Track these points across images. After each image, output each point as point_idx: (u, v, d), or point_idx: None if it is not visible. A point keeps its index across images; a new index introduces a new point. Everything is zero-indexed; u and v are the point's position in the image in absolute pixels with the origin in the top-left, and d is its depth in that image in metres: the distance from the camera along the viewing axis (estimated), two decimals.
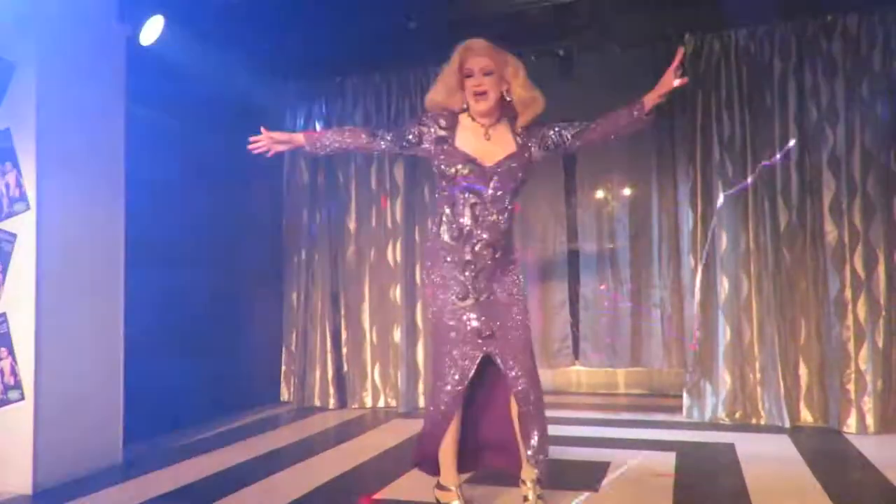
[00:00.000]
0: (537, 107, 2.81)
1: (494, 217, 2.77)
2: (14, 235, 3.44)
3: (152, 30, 4.19)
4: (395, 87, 5.58)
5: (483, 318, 2.76)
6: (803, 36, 4.70)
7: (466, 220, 2.77)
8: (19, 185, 3.44)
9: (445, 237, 2.81)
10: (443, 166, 2.78)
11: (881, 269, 4.46)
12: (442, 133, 2.80)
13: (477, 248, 2.77)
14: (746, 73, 4.82)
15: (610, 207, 5.44)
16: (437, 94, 2.83)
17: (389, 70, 5.54)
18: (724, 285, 4.78)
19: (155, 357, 4.25)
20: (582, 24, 4.88)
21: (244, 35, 4.83)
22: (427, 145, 2.82)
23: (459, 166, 2.75)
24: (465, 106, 2.82)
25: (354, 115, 5.69)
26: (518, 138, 2.84)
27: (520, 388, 2.74)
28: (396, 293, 5.50)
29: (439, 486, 2.90)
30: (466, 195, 2.77)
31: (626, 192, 5.41)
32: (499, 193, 2.77)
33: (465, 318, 2.76)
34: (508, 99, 2.80)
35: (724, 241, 4.80)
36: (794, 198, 4.72)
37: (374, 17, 4.76)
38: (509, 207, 2.81)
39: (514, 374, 2.75)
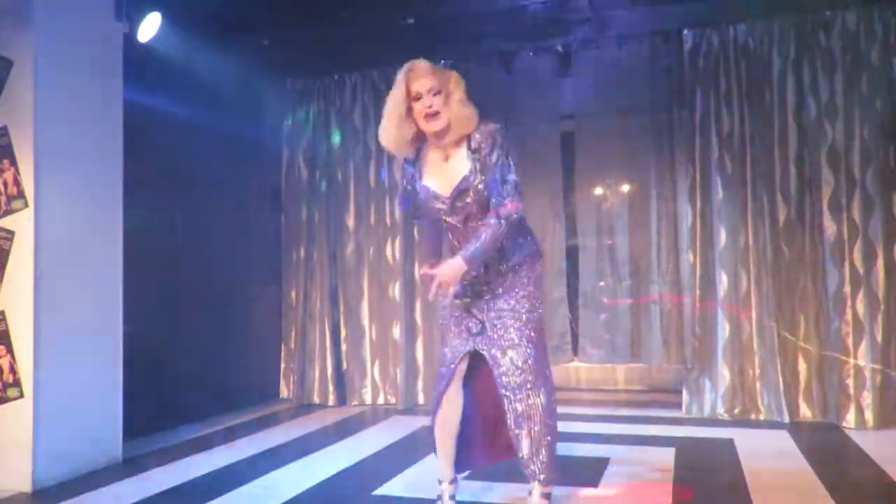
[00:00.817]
0: (469, 125, 2.67)
1: (475, 236, 2.66)
2: (12, 233, 3.43)
3: (150, 27, 4.19)
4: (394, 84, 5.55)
5: (481, 326, 2.74)
6: (802, 31, 4.70)
7: (455, 248, 2.74)
8: (17, 182, 3.43)
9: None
10: (419, 204, 2.79)
11: (880, 264, 4.47)
12: (412, 171, 2.80)
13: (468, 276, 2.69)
14: (745, 68, 4.81)
15: (609, 203, 5.43)
16: (388, 128, 2.74)
17: (387, 67, 5.52)
18: (723, 281, 4.78)
19: (154, 354, 4.25)
20: (580, 20, 4.88)
21: (242, 32, 4.83)
22: (413, 187, 2.81)
23: (433, 201, 2.73)
24: (410, 136, 2.73)
25: (353, 112, 5.68)
26: (471, 150, 2.68)
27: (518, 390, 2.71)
28: (395, 290, 5.50)
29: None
30: (445, 226, 2.78)
31: (625, 188, 5.41)
32: (470, 214, 2.70)
33: (462, 328, 2.76)
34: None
35: (722, 237, 4.80)
36: (793, 193, 4.72)
37: (372, 14, 4.76)
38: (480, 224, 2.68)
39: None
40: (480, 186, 2.65)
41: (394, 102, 2.71)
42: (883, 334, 4.43)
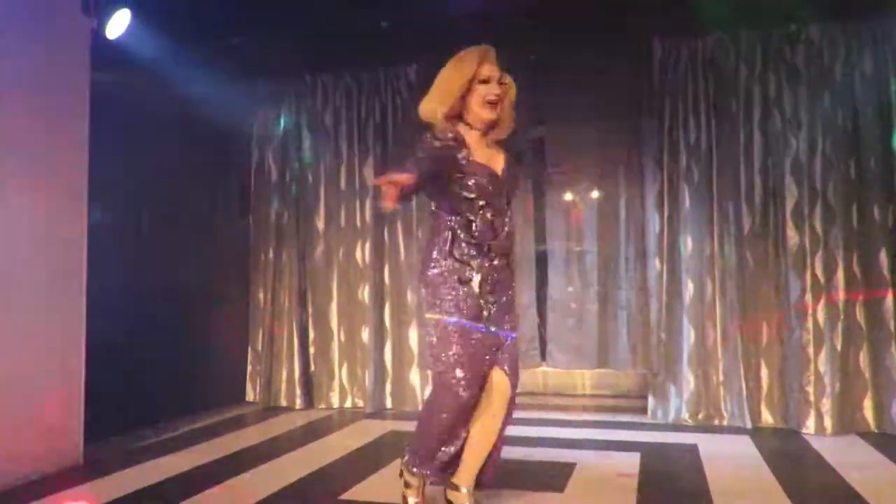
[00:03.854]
0: (507, 129, 2.78)
1: (508, 226, 2.75)
2: None
3: (119, 23, 4.13)
4: (366, 87, 5.56)
5: (500, 331, 2.73)
6: (768, 44, 4.79)
7: (487, 235, 2.68)
8: None
9: (458, 256, 2.68)
10: (466, 182, 2.65)
11: (840, 274, 4.57)
12: (456, 148, 2.67)
13: (496, 262, 2.71)
14: (713, 79, 4.90)
15: (578, 210, 5.48)
16: (433, 101, 2.71)
17: (360, 69, 5.52)
18: (689, 288, 4.85)
19: (118, 356, 4.18)
20: (553, 29, 4.91)
21: (213, 31, 4.78)
22: (453, 161, 2.66)
23: (484, 181, 2.66)
24: (458, 113, 2.71)
25: (324, 113, 5.66)
26: (506, 149, 2.83)
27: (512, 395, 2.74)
28: (365, 293, 5.48)
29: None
30: (485, 209, 2.68)
31: (594, 194, 5.46)
32: (508, 202, 2.78)
33: (475, 337, 2.68)
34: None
35: (689, 245, 4.88)
36: (757, 203, 4.81)
37: (346, 16, 4.75)
38: (511, 215, 2.81)
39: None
40: (513, 181, 2.80)
41: (458, 75, 2.68)
42: (842, 343, 4.53)
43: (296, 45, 5.11)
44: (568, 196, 5.50)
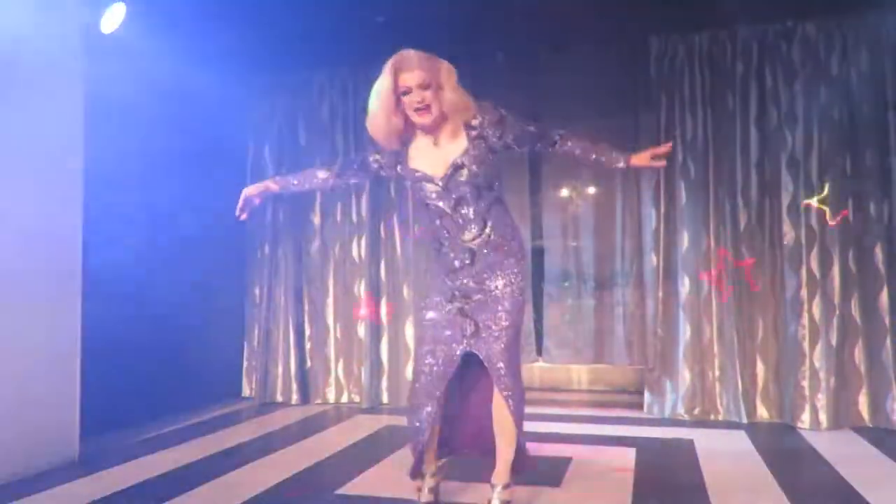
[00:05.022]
0: (467, 112, 2.67)
1: (465, 223, 2.72)
2: None
3: (114, 18, 4.11)
4: (363, 82, 5.54)
5: (468, 318, 2.73)
6: (765, 40, 4.80)
7: (444, 234, 2.76)
8: None
9: (434, 251, 2.85)
10: (411, 187, 2.80)
11: (836, 269, 4.58)
12: (395, 156, 2.78)
13: (457, 257, 2.74)
14: (709, 75, 4.90)
15: (574, 205, 5.48)
16: (376, 121, 2.68)
17: (357, 65, 5.51)
18: (685, 284, 4.86)
19: (114, 352, 4.17)
20: (549, 24, 4.91)
21: (209, 27, 4.76)
22: (389, 171, 2.83)
23: (424, 184, 2.72)
24: (401, 127, 2.71)
25: (321, 109, 5.64)
26: (471, 132, 2.69)
27: (503, 388, 2.72)
28: (361, 288, 5.48)
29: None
30: (434, 210, 2.75)
31: (591, 190, 5.47)
32: (462, 198, 2.70)
33: (450, 318, 2.74)
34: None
35: (685, 240, 4.88)
36: (753, 198, 4.82)
37: (342, 12, 4.73)
38: (482, 206, 2.71)
39: (499, 372, 2.71)
40: (474, 168, 2.66)
41: (382, 95, 2.63)
42: (837, 338, 4.54)
43: (293, 40, 5.09)
44: (564, 192, 5.50)
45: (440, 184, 2.69)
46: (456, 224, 2.72)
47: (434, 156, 2.71)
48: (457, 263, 2.74)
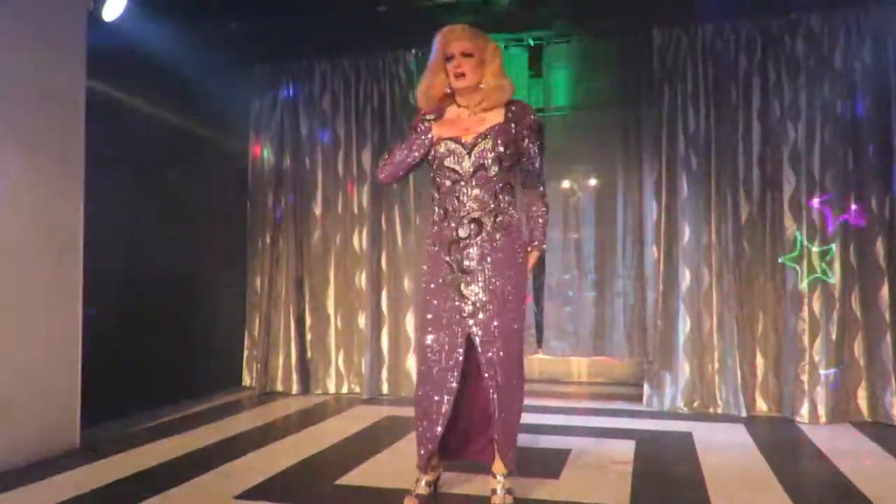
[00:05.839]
0: (503, 95, 2.84)
1: (477, 191, 2.78)
2: None
3: (115, 5, 4.10)
4: (364, 72, 5.53)
5: (468, 300, 2.75)
6: (768, 34, 4.78)
7: (452, 202, 2.80)
8: None
9: (434, 227, 2.87)
10: (434, 148, 2.83)
11: (837, 264, 4.57)
12: (427, 123, 2.89)
13: (461, 227, 2.78)
14: (712, 68, 4.88)
15: (575, 197, 5.47)
16: (422, 83, 2.93)
17: (358, 54, 5.49)
18: (685, 276, 4.86)
19: (115, 339, 4.18)
20: (552, 15, 4.90)
21: (211, 15, 4.75)
22: (425, 135, 2.86)
23: (439, 147, 2.81)
24: (447, 90, 2.90)
25: (322, 99, 5.63)
26: (508, 113, 2.84)
27: (496, 374, 2.72)
28: (362, 279, 5.48)
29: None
30: (450, 174, 2.80)
31: (592, 182, 5.45)
32: (482, 166, 2.77)
33: (449, 298, 2.77)
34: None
35: (686, 233, 4.88)
36: (755, 192, 4.81)
37: (344, 1, 4.72)
38: (496, 181, 2.78)
39: (491, 358, 2.73)
40: (500, 143, 2.78)
41: (431, 59, 2.89)
42: (837, 332, 4.54)
43: (294, 30, 5.08)
44: (565, 183, 5.50)
45: (466, 147, 2.79)
46: (468, 190, 2.78)
47: (467, 122, 2.83)
48: (461, 233, 2.78)
